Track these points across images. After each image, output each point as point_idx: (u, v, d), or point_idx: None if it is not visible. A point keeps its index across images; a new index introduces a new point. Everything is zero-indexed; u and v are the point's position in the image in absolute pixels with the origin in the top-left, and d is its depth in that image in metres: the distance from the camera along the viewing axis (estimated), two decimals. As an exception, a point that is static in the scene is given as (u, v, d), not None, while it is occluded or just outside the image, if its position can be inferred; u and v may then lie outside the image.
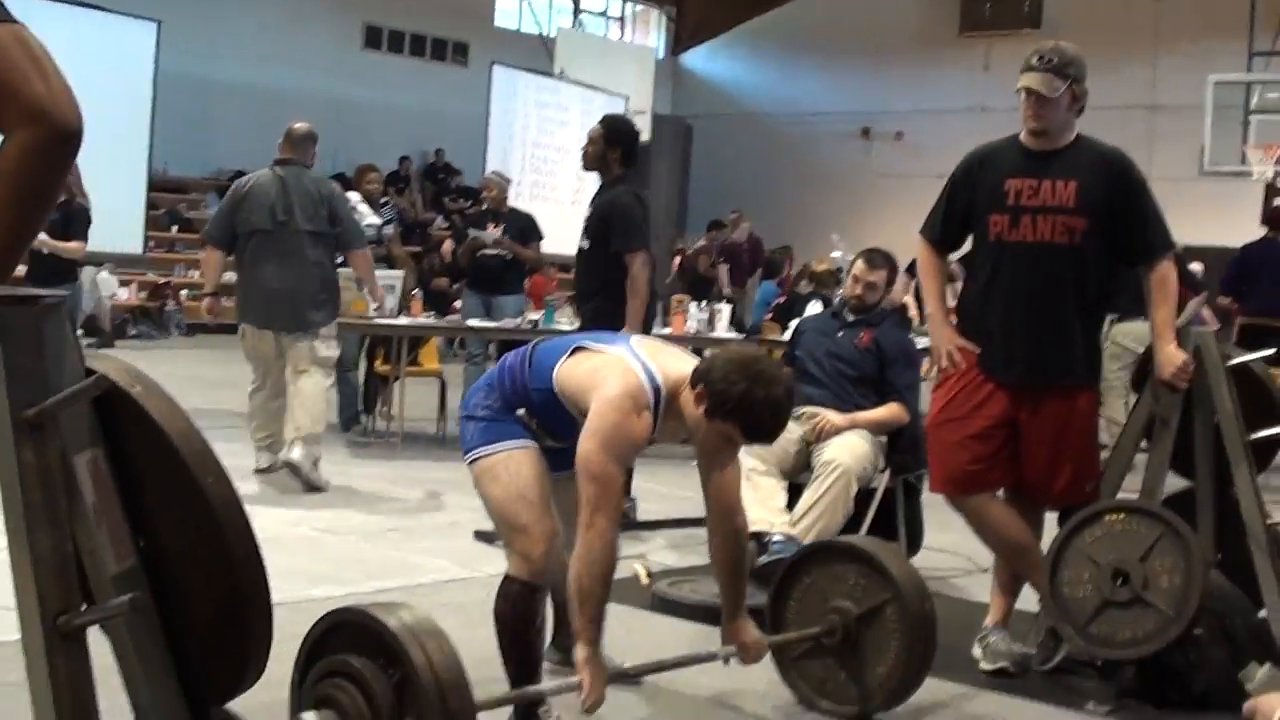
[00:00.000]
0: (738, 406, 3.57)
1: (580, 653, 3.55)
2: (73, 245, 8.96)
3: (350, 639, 3.07)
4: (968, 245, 4.95)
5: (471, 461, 3.85)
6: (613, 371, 3.67)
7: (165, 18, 17.18)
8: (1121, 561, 4.33)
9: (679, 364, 3.76)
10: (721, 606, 4.07)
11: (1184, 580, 4.23)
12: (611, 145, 6.76)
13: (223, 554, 1.76)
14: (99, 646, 1.89)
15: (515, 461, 3.78)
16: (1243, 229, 10.82)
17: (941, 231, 4.87)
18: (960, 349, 4.71)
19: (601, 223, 6.68)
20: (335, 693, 2.97)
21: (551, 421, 3.83)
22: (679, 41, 28.52)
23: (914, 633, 4.06)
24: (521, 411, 3.84)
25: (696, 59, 28.77)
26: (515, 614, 3.75)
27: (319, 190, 7.99)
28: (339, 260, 8.31)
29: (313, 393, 7.69)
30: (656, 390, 3.67)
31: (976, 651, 4.77)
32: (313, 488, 7.52)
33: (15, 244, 1.96)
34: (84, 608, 1.71)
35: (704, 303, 10.88)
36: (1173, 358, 4.62)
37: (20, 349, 1.69)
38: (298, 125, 8.44)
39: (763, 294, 14.09)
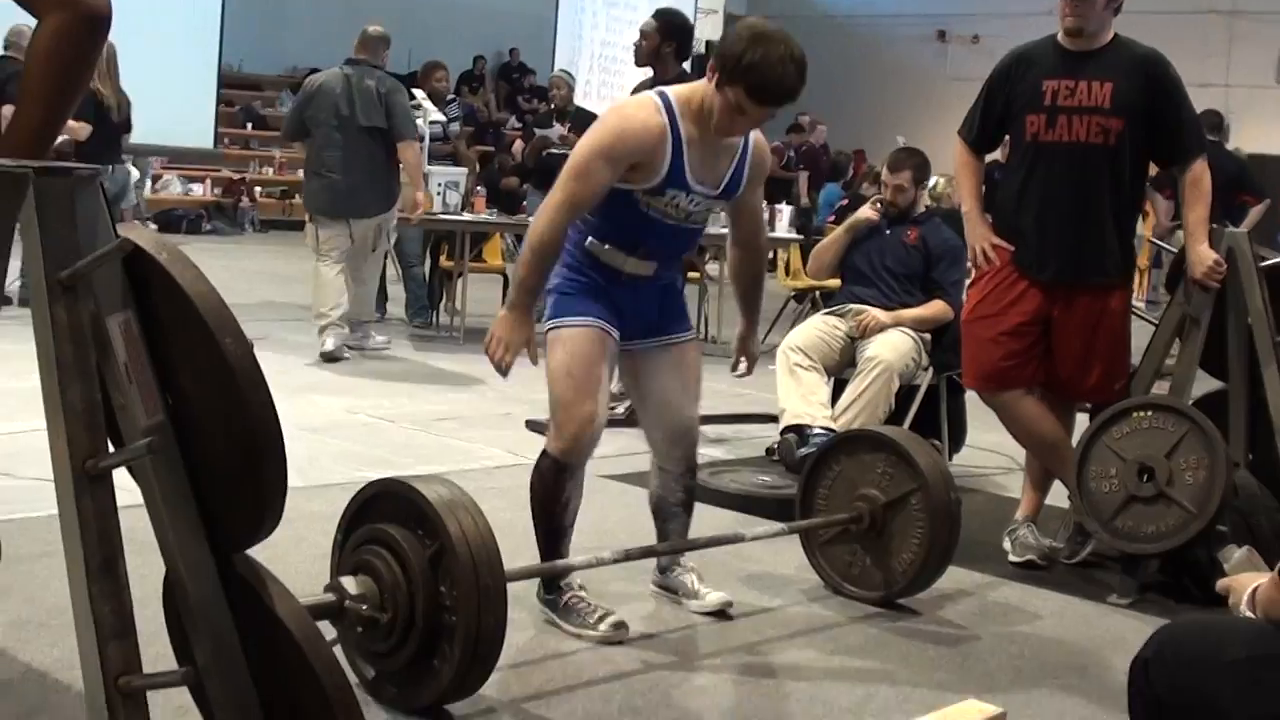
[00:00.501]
0: (739, 64, 3.63)
1: (501, 312, 3.76)
2: (74, 125, 9.01)
3: (390, 509, 3.23)
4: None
5: (545, 333, 3.95)
6: None
7: (237, -88, 17.29)
8: (1147, 457, 4.41)
9: (691, 83, 3.94)
10: (741, 315, 4.31)
11: (1208, 477, 4.32)
12: (666, 39, 6.81)
13: (240, 407, 1.91)
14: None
15: (574, 339, 3.84)
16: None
17: (979, 131, 4.94)
18: (995, 246, 4.79)
19: None
20: (373, 559, 3.14)
21: (613, 225, 3.88)
22: (755, -59, 28.22)
23: (937, 522, 4.17)
24: (590, 241, 3.90)
25: (773, -42, 28.51)
26: (543, 488, 3.86)
27: (379, 88, 8.32)
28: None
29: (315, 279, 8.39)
30: (663, 96, 3.81)
31: (1006, 544, 4.89)
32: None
33: (51, 119, 2.11)
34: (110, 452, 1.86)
35: (779, 204, 10.93)
36: (1204, 257, 4.68)
37: (55, 216, 1.84)
38: (371, 27, 8.85)
39: (826, 196, 14.11)
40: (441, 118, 10.39)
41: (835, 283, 6.66)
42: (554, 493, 3.85)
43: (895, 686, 3.66)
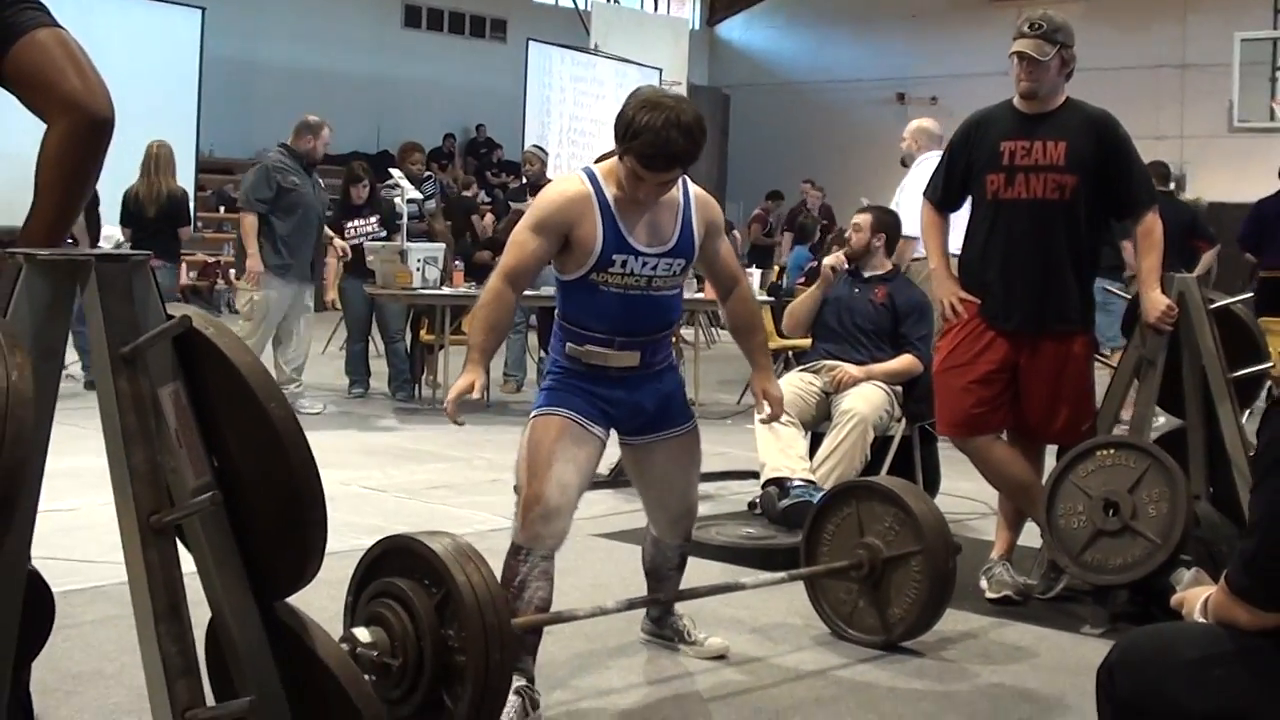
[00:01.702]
0: (628, 131, 3.75)
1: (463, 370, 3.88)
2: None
3: (397, 563, 3.43)
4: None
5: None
6: None
7: (209, 4, 17.58)
8: (1112, 493, 4.65)
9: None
10: (749, 362, 4.38)
11: (1170, 509, 4.55)
12: None
13: (284, 466, 2.12)
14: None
15: (536, 427, 3.93)
16: (1272, 184, 11.03)
17: (943, 192, 5.21)
18: (962, 300, 5.04)
19: None
20: (383, 610, 3.34)
21: (584, 319, 3.97)
22: (714, 12, 28.73)
23: (933, 588, 4.39)
24: (569, 346, 3.99)
25: (732, 29, 28.99)
26: (503, 571, 3.79)
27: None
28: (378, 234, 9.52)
29: None
30: (587, 169, 4.00)
31: (982, 583, 5.10)
32: None
33: (63, 215, 2.37)
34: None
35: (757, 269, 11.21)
36: (1157, 303, 4.94)
37: (115, 297, 2.06)
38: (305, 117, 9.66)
39: (795, 259, 14.36)
40: (418, 196, 10.66)
41: (807, 342, 6.90)
42: (507, 574, 3.79)
43: (880, 716, 3.86)
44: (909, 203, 7.62)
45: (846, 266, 6.48)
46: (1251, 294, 5.63)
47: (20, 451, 1.87)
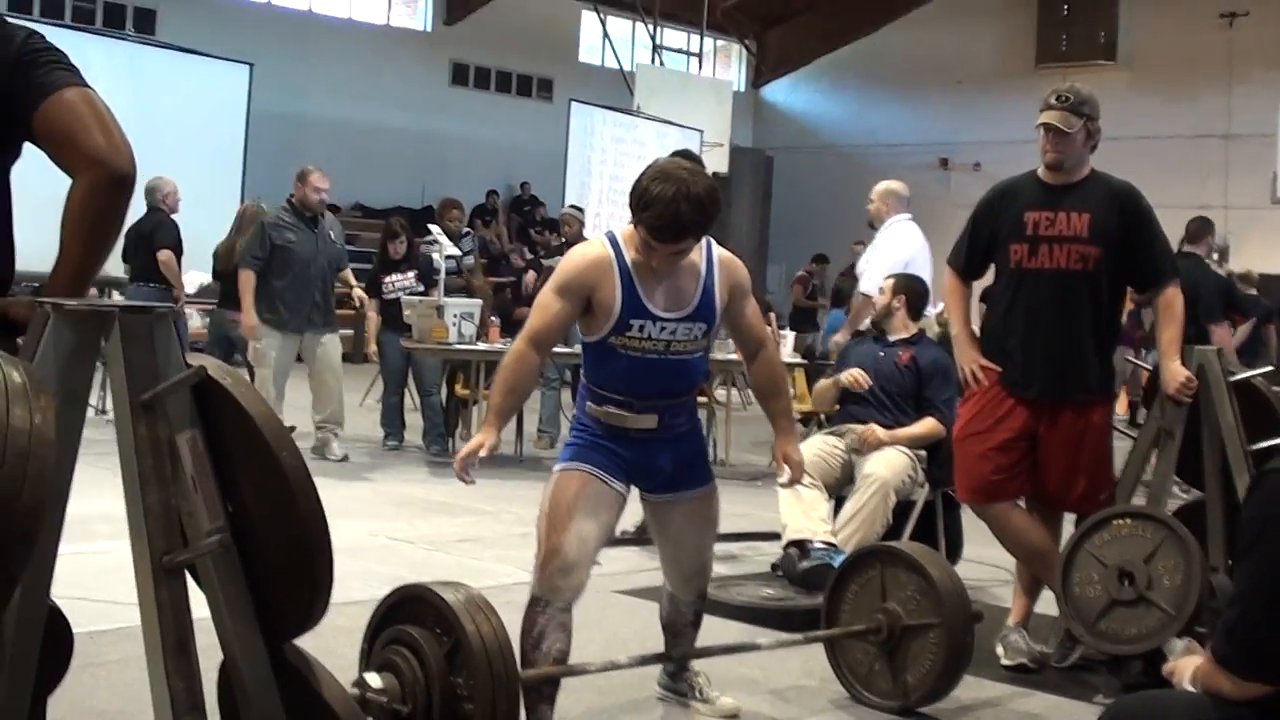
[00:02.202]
0: (639, 202, 3.84)
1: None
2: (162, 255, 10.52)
3: (410, 612, 3.52)
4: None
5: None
6: None
7: (258, 60, 17.87)
8: (1127, 563, 4.68)
9: None
10: (772, 426, 4.37)
11: (1184, 580, 4.58)
12: None
13: (294, 513, 2.20)
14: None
15: (558, 482, 4.03)
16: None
17: (966, 260, 5.28)
18: (983, 367, 5.10)
19: None
20: (395, 657, 3.42)
21: (604, 382, 4.06)
22: (759, 75, 28.96)
23: (950, 660, 4.43)
24: (589, 406, 4.07)
25: (777, 92, 29.20)
26: (522, 622, 3.91)
27: None
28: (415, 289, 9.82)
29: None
30: (609, 233, 4.05)
31: (998, 649, 5.13)
32: None
33: (87, 266, 2.48)
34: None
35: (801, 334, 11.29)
36: (1176, 374, 4.99)
37: (137, 347, 2.15)
38: None
39: (831, 322, 14.41)
40: (457, 252, 10.80)
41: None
42: (526, 625, 3.89)
43: (889, 778, 3.90)
44: (877, 263, 7.74)
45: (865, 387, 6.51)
46: (1273, 368, 5.64)
47: (41, 490, 1.96)
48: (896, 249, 8.07)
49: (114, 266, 11.51)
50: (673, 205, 3.78)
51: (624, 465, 4.06)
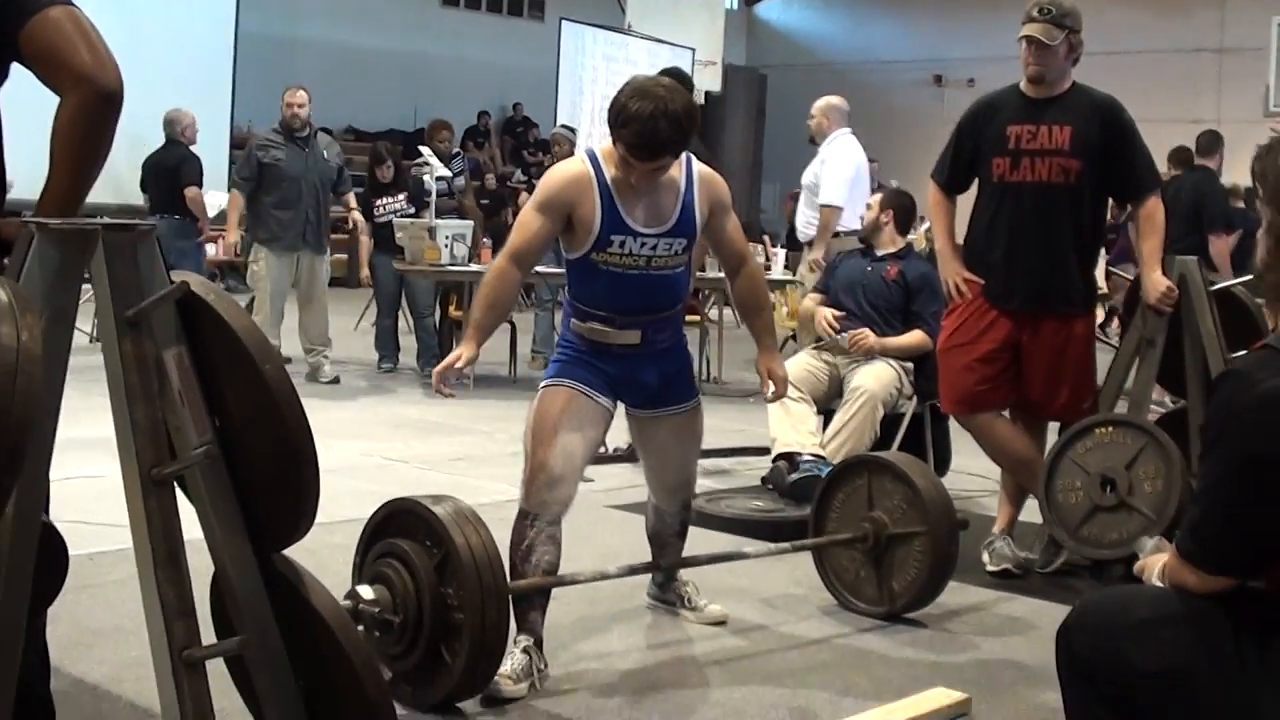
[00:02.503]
0: (617, 120, 3.85)
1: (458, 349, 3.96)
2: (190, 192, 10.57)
3: (401, 525, 3.59)
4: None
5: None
6: None
7: (245, -18, 17.75)
8: (1109, 469, 4.76)
9: None
10: (755, 340, 4.44)
11: (1165, 485, 4.66)
12: None
13: (279, 424, 2.25)
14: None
15: (544, 397, 4.07)
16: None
17: (950, 174, 5.31)
18: (966, 280, 5.14)
19: None
20: (386, 569, 3.50)
21: (586, 298, 4.08)
22: (753, -8, 28.77)
23: (934, 568, 4.50)
24: (574, 323, 4.11)
25: (770, 10, 29.00)
26: (511, 535, 3.96)
27: None
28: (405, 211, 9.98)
29: None
30: (589, 150, 4.07)
31: (984, 556, 5.21)
32: None
33: (77, 186, 2.49)
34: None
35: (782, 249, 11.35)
36: (1158, 284, 5.04)
37: (121, 264, 2.19)
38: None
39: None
40: (447, 173, 10.80)
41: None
42: (515, 538, 3.94)
43: (872, 680, 4.00)
44: (829, 176, 7.82)
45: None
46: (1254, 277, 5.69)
47: (29, 406, 2.00)
48: (845, 162, 8.17)
49: (135, 196, 11.55)
50: (650, 122, 3.79)
51: (609, 380, 4.11)
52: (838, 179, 8.07)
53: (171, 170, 10.68)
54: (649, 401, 4.22)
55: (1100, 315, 13.64)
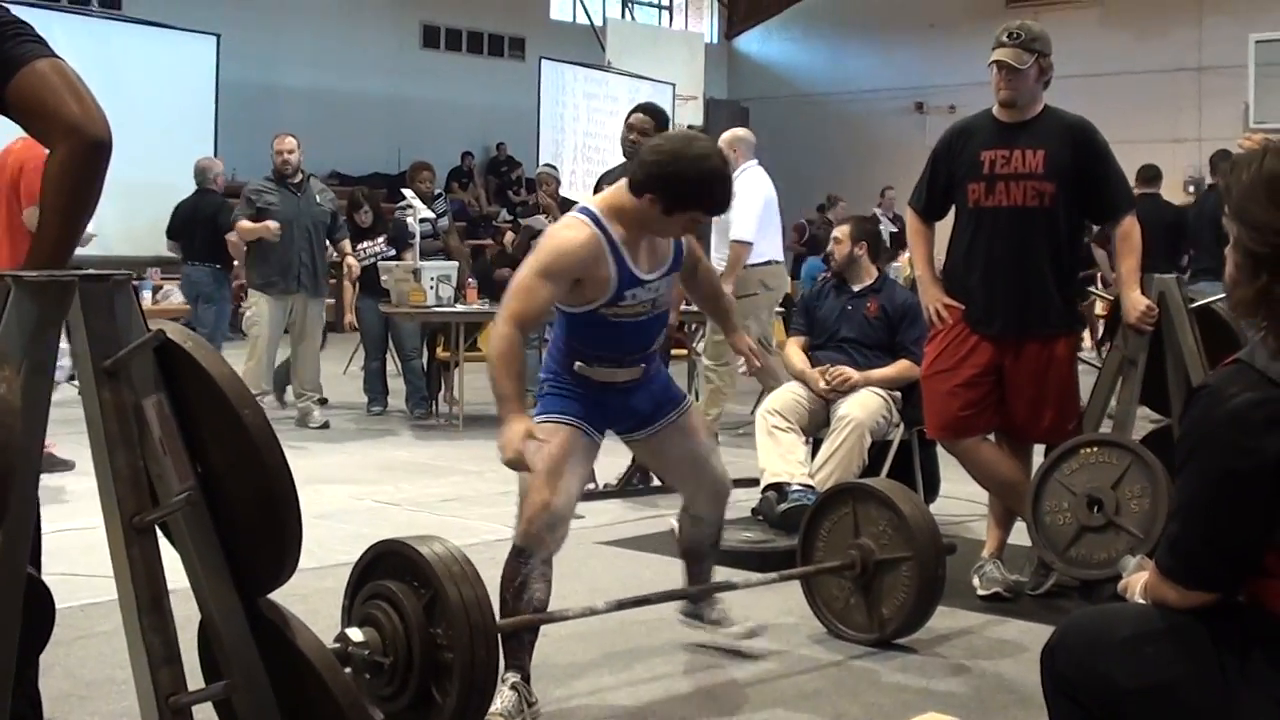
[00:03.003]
0: (694, 192, 3.90)
1: (504, 423, 3.84)
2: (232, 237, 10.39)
3: (389, 567, 3.60)
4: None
5: None
6: None
7: (224, 30, 17.82)
8: (1095, 490, 4.78)
9: (608, 191, 4.17)
10: (719, 325, 4.70)
11: (1152, 504, 4.68)
12: (657, 132, 7.28)
13: (260, 469, 2.26)
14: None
15: (551, 434, 4.02)
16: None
17: (926, 201, 5.35)
18: (946, 306, 5.17)
19: None
20: (375, 611, 3.51)
21: (592, 344, 4.10)
22: (731, 26, 28.92)
23: (922, 593, 4.51)
24: (578, 365, 4.11)
25: (750, 42, 29.16)
26: (504, 570, 3.96)
27: None
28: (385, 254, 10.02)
29: None
30: (585, 210, 4.04)
31: (975, 581, 5.22)
32: None
33: (67, 235, 2.51)
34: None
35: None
36: (1137, 303, 5.07)
37: (97, 314, 2.21)
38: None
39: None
40: (430, 215, 10.84)
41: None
42: (508, 574, 3.94)
43: (864, 707, 4.01)
44: (739, 211, 7.83)
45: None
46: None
47: (9, 456, 2.02)
48: (754, 196, 8.21)
49: (119, 245, 11.52)
50: (725, 183, 3.97)
51: (604, 414, 4.15)
52: (748, 214, 8.08)
53: (209, 218, 10.58)
54: (644, 421, 4.26)
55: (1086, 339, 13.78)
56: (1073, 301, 5.24)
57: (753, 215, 8.14)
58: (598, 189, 7.38)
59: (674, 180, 3.89)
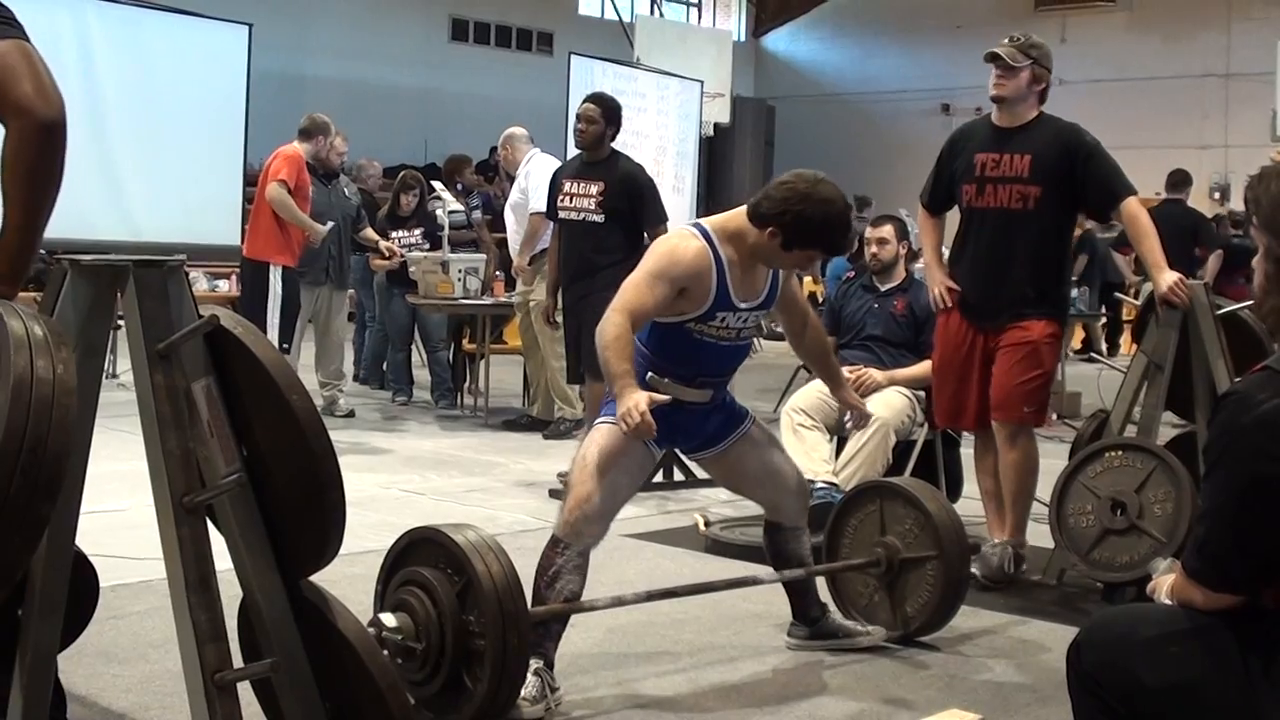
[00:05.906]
0: (817, 233, 4.04)
1: (620, 397, 3.91)
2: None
3: (422, 554, 3.65)
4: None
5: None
6: None
7: (256, 20, 17.85)
8: (1119, 493, 4.82)
9: (726, 214, 4.25)
10: (828, 384, 4.80)
11: (1175, 508, 4.72)
12: (609, 124, 7.39)
13: (306, 453, 2.32)
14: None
15: (603, 434, 4.09)
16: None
17: (931, 197, 5.67)
18: (948, 288, 5.43)
19: (626, 198, 7.25)
20: (408, 597, 3.56)
21: (669, 357, 4.17)
22: (760, 24, 28.95)
23: (947, 592, 4.54)
24: (650, 376, 4.15)
25: (778, 41, 29.20)
26: (540, 560, 4.02)
27: None
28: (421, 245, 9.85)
29: None
30: (698, 225, 4.15)
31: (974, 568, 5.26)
32: None
33: (29, 222, 2.45)
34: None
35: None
36: (1167, 278, 5.15)
37: (151, 299, 2.27)
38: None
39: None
40: (459, 207, 10.89)
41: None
42: (543, 563, 3.99)
43: (886, 702, 4.05)
44: (540, 188, 8.24)
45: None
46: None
47: (65, 438, 2.07)
48: (549, 173, 8.27)
49: (153, 233, 11.50)
50: (848, 230, 4.17)
51: (669, 428, 4.17)
52: (543, 190, 8.18)
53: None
54: (710, 440, 4.35)
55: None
56: (1055, 294, 5.41)
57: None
58: (553, 182, 7.49)
59: (800, 219, 4.01)
